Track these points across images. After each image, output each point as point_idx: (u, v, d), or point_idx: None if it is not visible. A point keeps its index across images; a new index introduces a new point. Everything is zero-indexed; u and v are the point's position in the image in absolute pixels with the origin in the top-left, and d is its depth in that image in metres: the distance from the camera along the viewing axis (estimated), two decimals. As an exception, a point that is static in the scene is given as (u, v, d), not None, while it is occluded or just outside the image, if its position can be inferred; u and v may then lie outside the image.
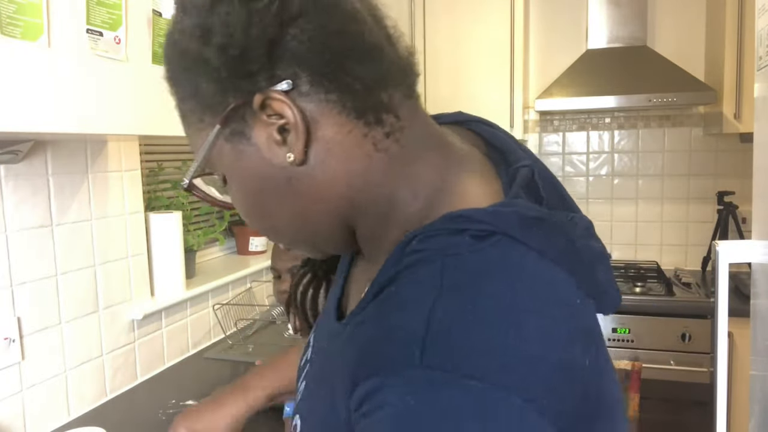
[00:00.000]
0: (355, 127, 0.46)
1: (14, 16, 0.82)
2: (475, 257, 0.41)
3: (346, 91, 0.45)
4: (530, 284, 0.41)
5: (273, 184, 0.48)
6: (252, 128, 0.46)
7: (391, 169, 0.48)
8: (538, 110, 2.43)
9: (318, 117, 0.45)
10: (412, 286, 0.41)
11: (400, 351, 0.38)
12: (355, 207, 0.49)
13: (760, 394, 1.14)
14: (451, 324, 0.38)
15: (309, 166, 0.46)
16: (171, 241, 1.63)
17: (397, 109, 0.48)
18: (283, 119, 0.45)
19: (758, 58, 1.15)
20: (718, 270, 1.15)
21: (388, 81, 0.47)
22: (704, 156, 2.62)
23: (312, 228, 0.50)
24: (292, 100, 0.44)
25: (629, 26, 2.46)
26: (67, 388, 1.35)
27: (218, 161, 0.49)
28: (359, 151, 0.47)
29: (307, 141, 0.45)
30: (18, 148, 1.16)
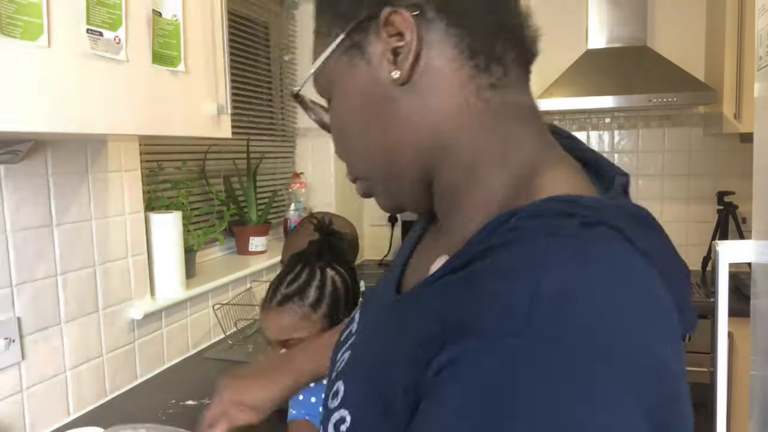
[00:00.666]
0: (463, 65, 0.47)
1: (14, 16, 0.82)
2: (583, 242, 0.40)
3: (466, 28, 0.46)
4: (634, 278, 0.40)
5: (371, 101, 0.49)
6: (371, 43, 0.48)
7: (487, 121, 0.47)
8: (538, 110, 2.43)
9: (433, 44, 0.46)
10: (514, 258, 0.40)
11: (502, 318, 0.37)
12: (441, 150, 0.48)
13: (760, 394, 1.14)
14: (558, 299, 0.37)
15: (410, 89, 0.47)
16: (171, 241, 1.63)
17: (508, 66, 0.48)
18: (401, 41, 0.46)
19: (758, 58, 1.15)
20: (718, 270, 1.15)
21: (507, 36, 0.48)
22: (704, 156, 2.62)
23: (393, 157, 0.50)
24: (414, 22, 0.45)
25: (629, 26, 2.46)
26: (67, 388, 1.35)
27: (331, 74, 0.51)
28: (461, 91, 0.47)
29: (415, 62, 0.46)
30: (18, 148, 1.16)
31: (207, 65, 1.27)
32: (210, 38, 1.28)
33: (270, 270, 2.19)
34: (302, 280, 1.06)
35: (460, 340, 0.38)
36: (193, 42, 1.21)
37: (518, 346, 0.35)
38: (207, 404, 0.90)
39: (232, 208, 2.10)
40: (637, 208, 0.45)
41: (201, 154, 2.05)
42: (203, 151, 2.06)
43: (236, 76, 2.19)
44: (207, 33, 1.27)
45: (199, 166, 2.04)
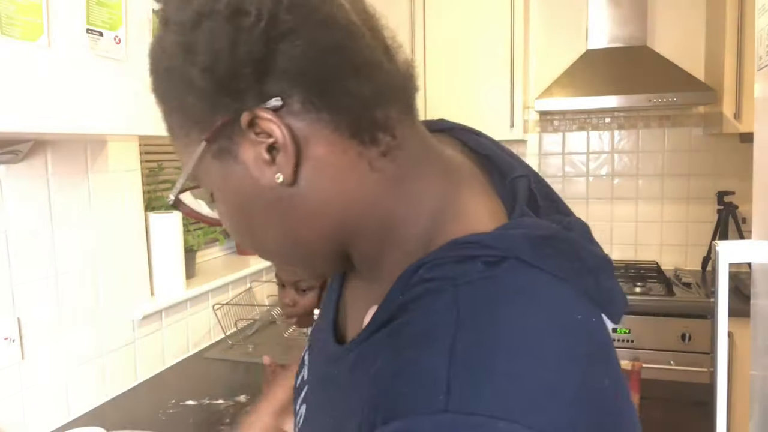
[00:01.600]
0: (349, 147, 0.44)
1: (14, 16, 0.82)
2: (488, 285, 0.40)
3: (339, 110, 0.43)
4: (545, 307, 0.40)
5: (262, 204, 0.45)
6: (239, 146, 0.43)
7: (387, 189, 0.46)
8: (538, 110, 2.43)
9: (309, 136, 0.43)
10: (427, 319, 0.39)
11: (423, 393, 0.36)
12: (351, 228, 0.46)
13: (760, 394, 1.14)
14: (473, 360, 0.36)
15: (300, 187, 0.44)
16: (171, 241, 1.63)
17: (394, 128, 0.45)
18: (271, 138, 0.42)
19: (758, 58, 1.15)
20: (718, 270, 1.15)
21: (385, 98, 0.45)
22: (704, 156, 2.62)
23: (304, 250, 0.48)
24: (281, 119, 0.42)
25: (629, 26, 2.46)
26: (67, 388, 1.35)
27: (205, 178, 0.47)
28: (353, 172, 0.44)
29: (298, 161, 0.43)
30: (18, 148, 1.16)
31: (207, 65, 1.27)
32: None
33: (270, 270, 2.19)
34: None
35: (391, 421, 0.36)
36: (193, 42, 1.21)
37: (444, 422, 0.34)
38: (206, 404, 0.90)
39: (232, 208, 2.10)
40: (541, 228, 0.43)
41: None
42: (203, 151, 2.06)
43: (236, 76, 2.19)
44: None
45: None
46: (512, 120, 2.46)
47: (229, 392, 1.46)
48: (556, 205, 0.50)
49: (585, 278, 0.43)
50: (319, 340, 0.58)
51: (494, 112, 2.47)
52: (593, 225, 0.52)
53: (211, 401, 1.41)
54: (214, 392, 1.46)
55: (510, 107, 2.46)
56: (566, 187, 2.79)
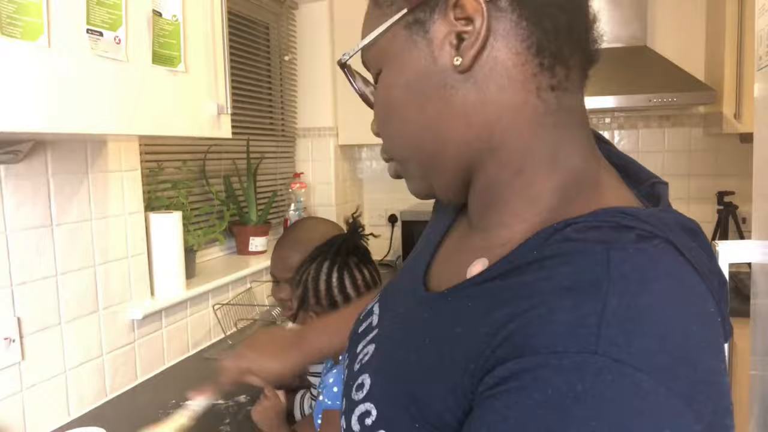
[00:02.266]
0: (528, 62, 0.45)
1: (14, 16, 0.82)
2: (641, 255, 0.40)
3: (537, 24, 0.44)
4: (693, 296, 0.41)
5: (427, 83, 0.46)
6: (434, 23, 0.45)
7: (541, 122, 0.46)
8: (538, 110, 2.43)
9: (501, 35, 0.44)
10: (578, 275, 0.39)
11: (570, 335, 0.36)
12: (491, 144, 0.46)
13: (760, 394, 1.14)
14: (625, 315, 0.37)
15: (469, 78, 0.45)
16: (171, 241, 1.63)
17: (571, 70, 0.47)
18: (468, 25, 0.44)
19: (758, 58, 1.15)
20: (718, 270, 1.15)
21: (576, 40, 0.47)
22: (704, 156, 2.62)
23: (434, 150, 0.48)
24: (487, 9, 0.43)
25: (629, 26, 2.46)
26: (67, 388, 1.35)
27: (385, 48, 0.49)
28: (521, 87, 0.45)
29: (480, 52, 0.44)
30: (18, 148, 1.16)
31: (207, 65, 1.27)
32: (210, 38, 1.28)
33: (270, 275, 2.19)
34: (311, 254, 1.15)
35: (525, 356, 0.37)
36: (193, 42, 1.21)
37: (590, 363, 0.35)
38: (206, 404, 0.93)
39: (232, 208, 2.10)
40: (688, 221, 0.45)
41: (201, 154, 2.05)
42: (203, 151, 2.06)
43: (236, 76, 2.19)
44: (207, 33, 1.27)
45: (199, 166, 2.04)
46: (512, 120, 2.47)
47: (229, 392, 1.46)
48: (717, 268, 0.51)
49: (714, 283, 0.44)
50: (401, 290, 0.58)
51: (494, 112, 2.47)
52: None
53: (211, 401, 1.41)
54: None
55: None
56: (566, 187, 2.79)
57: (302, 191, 2.54)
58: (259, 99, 2.40)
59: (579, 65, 0.48)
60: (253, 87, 2.35)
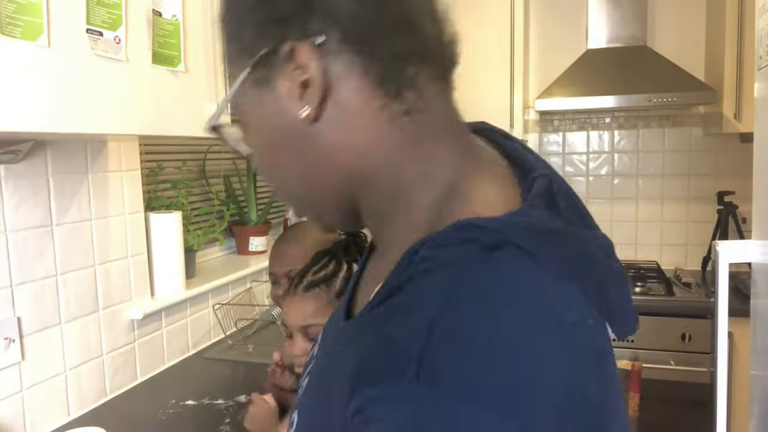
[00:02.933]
0: (374, 96, 0.45)
1: (14, 16, 0.82)
2: (483, 271, 0.39)
3: (372, 56, 0.44)
4: (538, 301, 0.39)
5: (286, 137, 0.47)
6: (277, 77, 0.46)
7: (403, 149, 0.46)
8: (538, 110, 2.43)
9: (340, 77, 0.45)
10: (415, 297, 0.40)
11: (396, 364, 0.36)
12: (361, 181, 0.48)
13: (760, 394, 1.14)
14: (450, 341, 0.35)
15: (321, 125, 0.46)
16: (171, 241, 1.63)
17: (422, 89, 0.46)
18: (305, 74, 0.44)
19: (758, 58, 1.15)
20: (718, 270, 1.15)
21: (418, 58, 0.46)
22: (704, 156, 2.62)
23: (317, 194, 0.50)
24: (317, 54, 0.44)
25: (629, 26, 2.46)
26: (67, 388, 1.35)
27: (242, 106, 0.50)
28: (373, 122, 0.46)
29: (324, 98, 0.45)
30: (18, 148, 1.16)
31: (207, 65, 1.27)
32: (210, 38, 1.28)
33: (268, 275, 2.19)
34: (329, 270, 1.08)
35: (363, 388, 0.37)
36: (193, 42, 1.21)
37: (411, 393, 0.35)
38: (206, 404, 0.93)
39: (232, 208, 2.10)
40: (546, 222, 0.43)
41: (201, 154, 2.05)
42: (203, 151, 2.06)
43: (236, 76, 2.19)
44: (207, 33, 1.27)
45: (199, 166, 2.04)
46: (512, 120, 2.46)
47: (229, 392, 1.46)
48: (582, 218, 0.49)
49: (589, 283, 0.42)
50: (334, 318, 0.59)
51: (494, 112, 2.47)
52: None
53: (211, 401, 1.41)
54: (214, 392, 1.46)
55: (510, 107, 2.46)
56: (566, 187, 2.79)
57: (302, 191, 2.54)
58: (259, 99, 2.40)
59: (432, 78, 0.47)
60: (253, 87, 2.35)
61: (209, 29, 1.28)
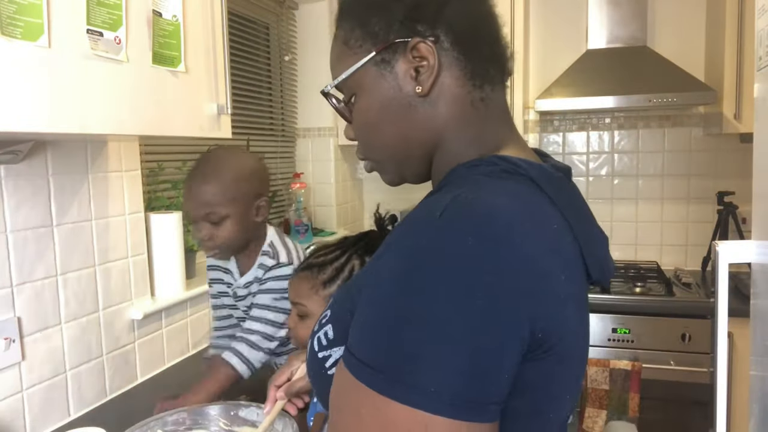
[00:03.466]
0: (465, 84, 0.63)
1: (14, 16, 0.82)
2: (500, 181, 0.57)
3: (470, 57, 0.63)
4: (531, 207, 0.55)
5: (396, 105, 0.64)
6: (398, 61, 0.63)
7: (474, 122, 0.64)
8: (538, 110, 2.43)
9: (446, 67, 0.63)
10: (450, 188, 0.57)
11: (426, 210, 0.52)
12: (442, 140, 0.65)
13: (760, 394, 1.14)
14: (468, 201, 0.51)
15: (427, 100, 0.63)
16: (171, 241, 1.63)
17: (494, 85, 0.65)
18: (424, 61, 0.62)
19: (758, 58, 1.15)
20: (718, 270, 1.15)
21: (496, 64, 0.65)
22: (704, 156, 2.62)
23: (407, 149, 0.67)
24: (435, 49, 0.61)
25: (629, 26, 2.46)
26: (67, 388, 1.35)
27: (359, 79, 0.65)
28: (461, 102, 0.64)
29: (435, 81, 0.62)
30: (18, 148, 1.16)
31: (207, 65, 1.27)
32: (210, 38, 1.28)
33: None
34: (328, 257, 1.09)
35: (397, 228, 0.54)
36: (193, 42, 1.21)
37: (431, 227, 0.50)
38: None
39: (232, 208, 2.09)
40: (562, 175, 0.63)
41: (201, 154, 2.05)
42: (203, 151, 2.06)
43: (236, 76, 2.19)
44: (207, 33, 1.27)
45: (199, 165, 2.03)
46: (512, 120, 2.46)
47: (229, 392, 1.46)
48: (586, 216, 0.65)
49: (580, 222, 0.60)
50: None
51: (494, 112, 2.47)
52: (593, 225, 0.54)
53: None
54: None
55: (510, 107, 2.46)
56: (566, 187, 2.79)
57: (302, 191, 2.54)
58: (259, 99, 2.40)
59: (500, 79, 0.66)
60: (253, 87, 2.35)
61: (209, 30, 1.28)
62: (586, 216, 0.63)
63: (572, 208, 0.59)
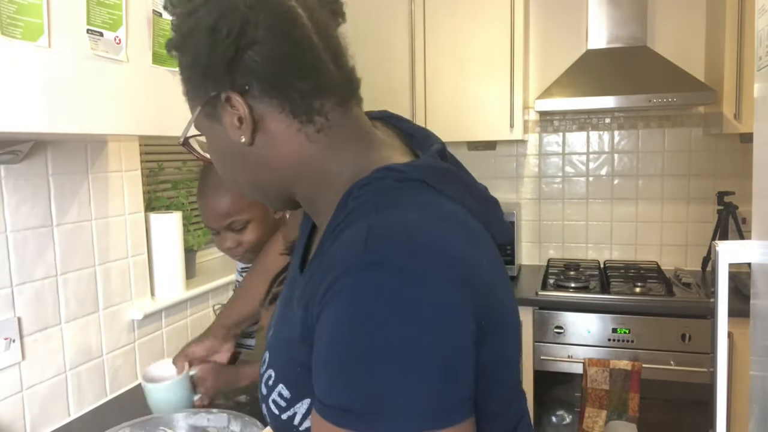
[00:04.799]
0: (291, 124, 0.63)
1: (15, 16, 0.82)
2: (397, 193, 0.58)
3: (285, 98, 0.62)
4: (436, 208, 0.58)
5: (232, 154, 0.65)
6: (221, 113, 0.63)
7: (320, 154, 0.64)
8: (538, 110, 2.43)
9: (264, 113, 0.62)
10: (357, 217, 0.57)
11: (350, 250, 0.53)
12: (292, 177, 0.66)
13: (760, 394, 1.14)
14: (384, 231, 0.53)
15: (256, 147, 0.64)
16: (171, 241, 1.63)
17: (328, 113, 0.63)
18: (238, 113, 0.62)
19: (758, 58, 1.15)
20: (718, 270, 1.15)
21: (322, 92, 0.63)
22: (704, 156, 2.62)
23: (262, 189, 0.68)
24: (245, 100, 0.61)
25: (629, 26, 2.46)
26: (67, 388, 1.35)
27: (200, 129, 0.68)
28: (294, 140, 0.63)
29: (254, 130, 0.62)
30: (18, 148, 1.16)
31: (207, 65, 1.27)
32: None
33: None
34: None
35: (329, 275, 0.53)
36: (193, 42, 1.21)
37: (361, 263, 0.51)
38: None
39: (232, 208, 2.09)
40: (439, 164, 0.63)
41: (200, 169, 2.05)
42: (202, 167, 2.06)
43: (236, 76, 2.19)
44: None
45: (199, 166, 2.04)
46: (512, 120, 2.46)
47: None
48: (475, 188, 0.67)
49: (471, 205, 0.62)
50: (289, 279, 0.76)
51: (494, 112, 2.47)
52: (593, 225, 0.56)
53: (211, 401, 1.41)
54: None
55: (510, 107, 2.46)
56: (566, 187, 2.79)
57: (302, 191, 2.54)
58: (259, 99, 2.40)
59: (336, 104, 0.64)
60: (253, 87, 2.34)
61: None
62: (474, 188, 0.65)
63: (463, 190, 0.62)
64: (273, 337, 0.71)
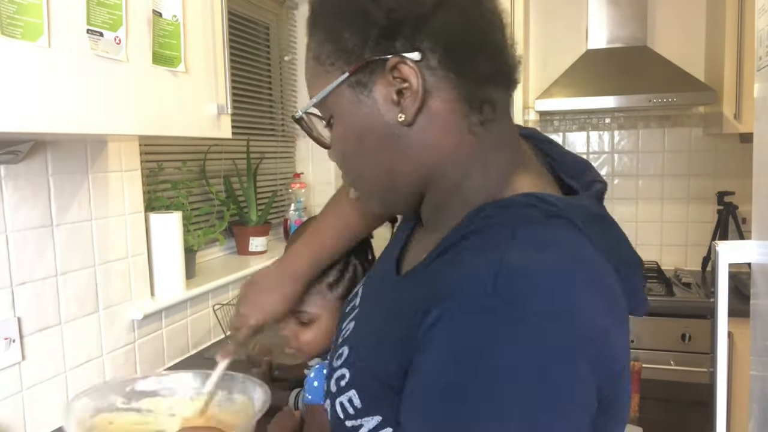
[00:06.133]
0: (459, 107, 0.53)
1: (14, 16, 0.82)
2: (543, 229, 0.49)
3: (463, 76, 0.52)
4: (584, 262, 0.49)
5: (376, 135, 0.54)
6: (375, 83, 0.52)
7: (474, 151, 0.54)
8: (538, 110, 2.43)
9: (434, 89, 0.52)
10: (488, 240, 0.49)
11: (474, 283, 0.45)
12: (434, 175, 0.55)
13: (760, 394, 1.14)
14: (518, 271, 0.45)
15: (412, 129, 0.53)
16: (171, 241, 1.63)
17: (495, 104, 0.54)
18: (405, 83, 0.51)
19: (758, 58, 1.15)
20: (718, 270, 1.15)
21: (497, 78, 0.54)
22: (704, 156, 2.62)
23: (392, 184, 0.57)
24: (419, 69, 0.50)
25: (629, 26, 2.46)
26: (67, 388, 1.35)
27: (333, 103, 0.55)
28: (456, 129, 0.53)
29: (420, 107, 0.52)
30: (18, 148, 1.16)
31: (207, 65, 1.27)
32: (210, 38, 1.28)
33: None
34: (338, 269, 1.08)
35: (442, 303, 0.46)
36: (193, 42, 1.21)
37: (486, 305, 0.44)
38: None
39: (232, 208, 2.10)
40: (597, 209, 0.54)
41: (201, 154, 2.05)
42: (203, 151, 2.06)
43: (236, 76, 2.19)
44: (207, 33, 1.27)
45: (199, 166, 2.04)
46: (512, 120, 2.46)
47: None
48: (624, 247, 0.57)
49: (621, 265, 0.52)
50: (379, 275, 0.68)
51: (494, 112, 2.47)
52: (593, 225, 0.55)
53: (211, 401, 1.41)
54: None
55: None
56: (566, 187, 2.79)
57: (302, 191, 2.54)
58: (259, 99, 2.40)
59: (502, 96, 0.56)
60: (253, 87, 2.35)
61: (209, 30, 1.28)
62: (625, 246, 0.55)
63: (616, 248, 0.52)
64: (356, 337, 0.62)
